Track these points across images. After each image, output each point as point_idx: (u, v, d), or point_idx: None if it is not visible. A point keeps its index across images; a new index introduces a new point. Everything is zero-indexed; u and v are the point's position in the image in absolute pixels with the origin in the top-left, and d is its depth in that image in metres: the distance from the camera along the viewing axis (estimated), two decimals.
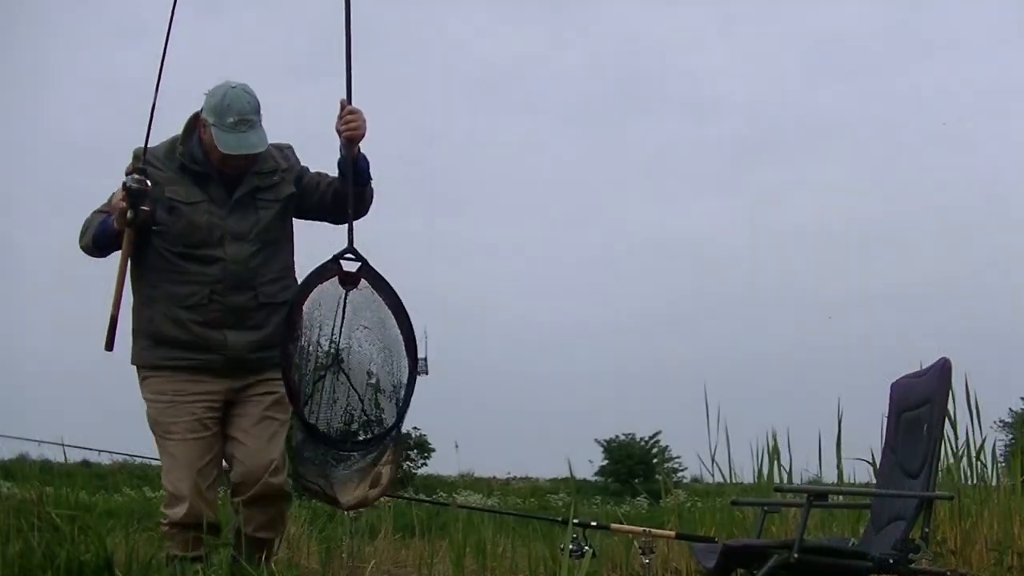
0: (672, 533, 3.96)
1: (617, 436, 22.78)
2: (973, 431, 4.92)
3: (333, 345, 3.28)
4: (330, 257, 3.27)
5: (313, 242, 3.63)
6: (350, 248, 3.28)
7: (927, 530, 3.07)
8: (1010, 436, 13.36)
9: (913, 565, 2.97)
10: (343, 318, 3.27)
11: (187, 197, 3.38)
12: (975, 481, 4.93)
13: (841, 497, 4.36)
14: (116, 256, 3.34)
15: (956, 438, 4.84)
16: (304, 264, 3.50)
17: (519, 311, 36.76)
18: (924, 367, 3.38)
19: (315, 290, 3.24)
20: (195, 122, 3.42)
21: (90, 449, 7.16)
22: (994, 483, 4.95)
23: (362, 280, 3.27)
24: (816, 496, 3.29)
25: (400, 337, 3.27)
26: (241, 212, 3.41)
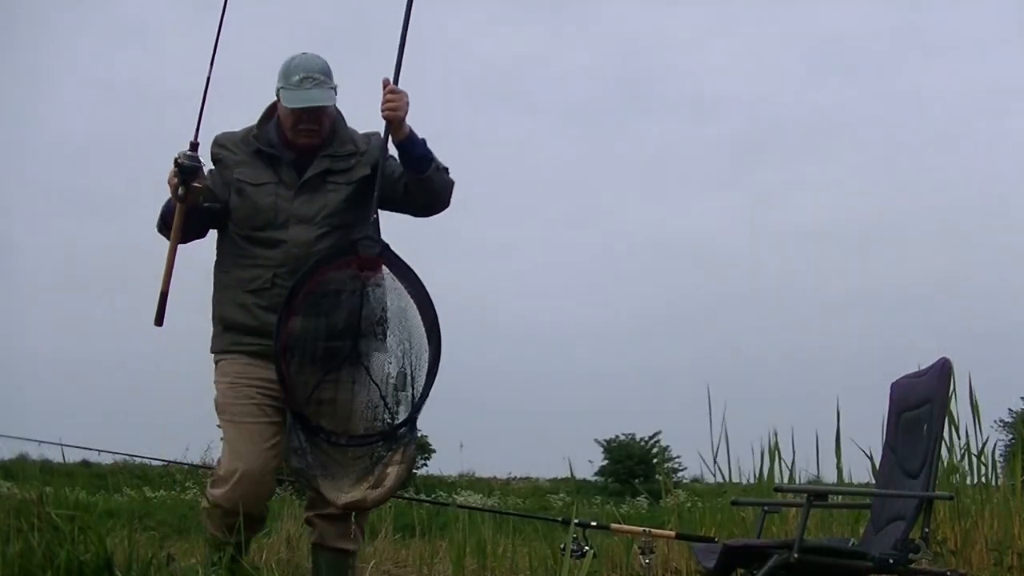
0: (672, 533, 3.96)
1: (617, 436, 22.78)
2: (973, 431, 4.92)
3: (349, 335, 3.14)
4: (347, 242, 3.19)
5: None
6: (371, 233, 3.17)
7: (927, 530, 3.07)
8: (1010, 436, 13.36)
9: (913, 565, 2.97)
10: (361, 306, 3.13)
11: (254, 179, 3.33)
12: (975, 481, 4.93)
13: (841, 497, 4.36)
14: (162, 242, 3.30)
15: (956, 438, 4.85)
16: None
17: (519, 311, 36.76)
18: (924, 367, 3.38)
19: (330, 276, 3.12)
20: (272, 109, 3.38)
21: (90, 449, 7.17)
22: (994, 483, 4.95)
23: (383, 267, 3.13)
24: (816, 496, 3.28)
25: (422, 328, 3.13)
26: (309, 195, 3.31)
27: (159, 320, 3.25)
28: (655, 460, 22.07)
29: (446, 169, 3.36)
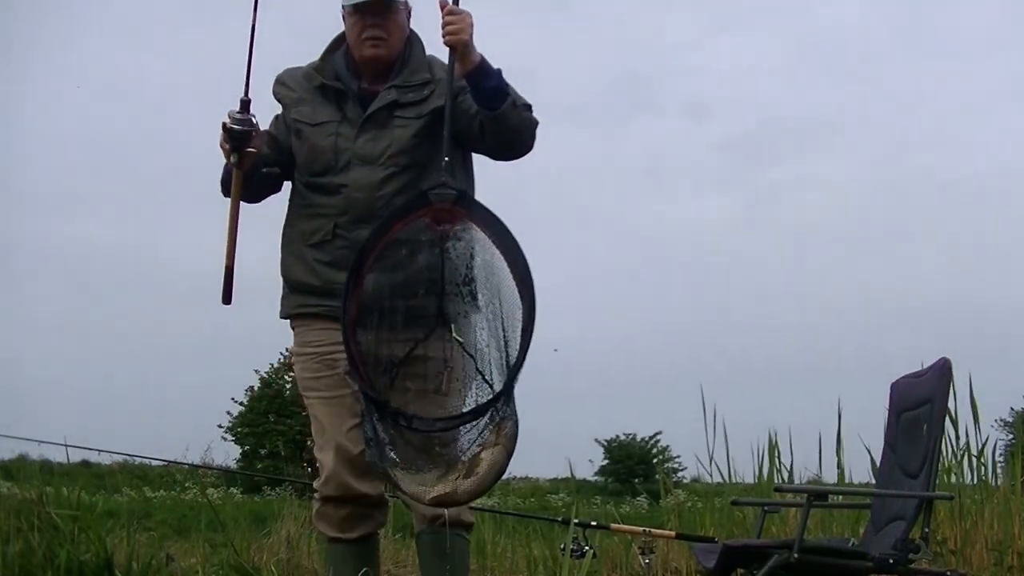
0: (672, 533, 3.95)
1: (617, 436, 22.81)
2: (973, 431, 4.92)
3: (432, 300, 2.65)
4: (415, 192, 2.70)
5: None
6: (445, 178, 2.62)
7: (927, 530, 3.07)
8: (1010, 436, 13.37)
9: (913, 565, 2.97)
10: (443, 265, 2.61)
11: (312, 118, 2.94)
12: (975, 481, 4.93)
13: (841, 497, 4.36)
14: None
15: (956, 438, 4.85)
16: None
17: None
18: (924, 367, 3.38)
19: (402, 233, 2.62)
20: (338, 41, 3.02)
21: (90, 449, 7.16)
22: (994, 483, 4.95)
23: (462, 216, 2.60)
24: (816, 496, 3.28)
25: (512, 282, 2.56)
26: (374, 131, 2.89)
27: (227, 298, 2.82)
28: (655, 460, 22.10)
29: (527, 106, 2.85)
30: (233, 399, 22.83)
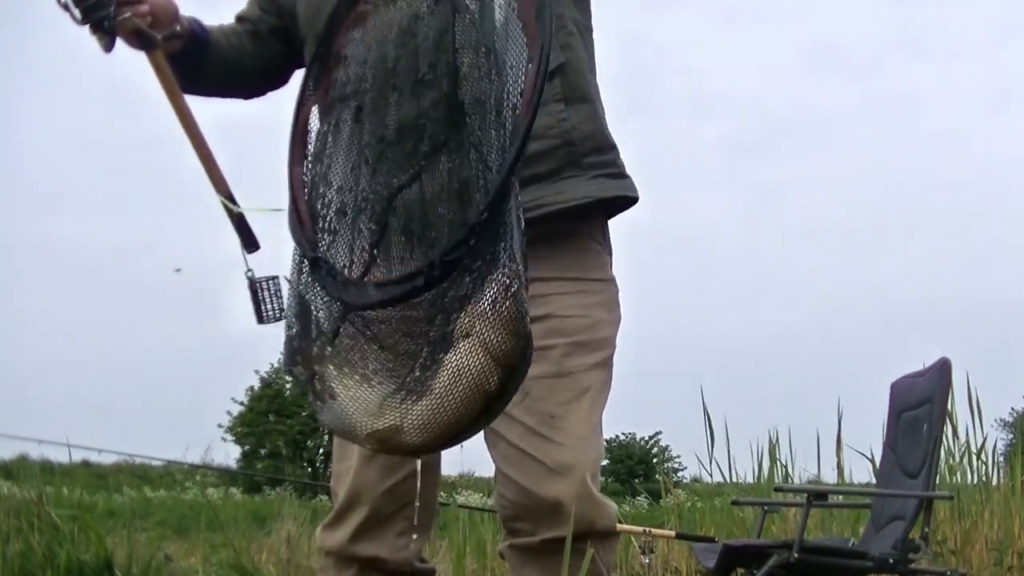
0: (672, 533, 3.95)
1: (617, 436, 22.84)
2: (973, 431, 4.93)
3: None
4: None
5: None
6: None
7: (927, 530, 3.07)
8: (1010, 435, 13.37)
9: (913, 565, 2.97)
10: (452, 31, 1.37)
11: None
12: (975, 481, 4.93)
13: (841, 497, 4.36)
14: None
15: (956, 438, 4.85)
16: None
17: None
18: (924, 367, 3.39)
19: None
20: None
21: (91, 449, 7.17)
22: (994, 483, 4.95)
23: None
24: (816, 496, 3.28)
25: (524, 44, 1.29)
26: None
27: (249, 242, 1.84)
28: (655, 460, 22.13)
29: None
30: (233, 399, 22.86)
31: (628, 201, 1.94)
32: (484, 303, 1.16)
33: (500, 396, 1.18)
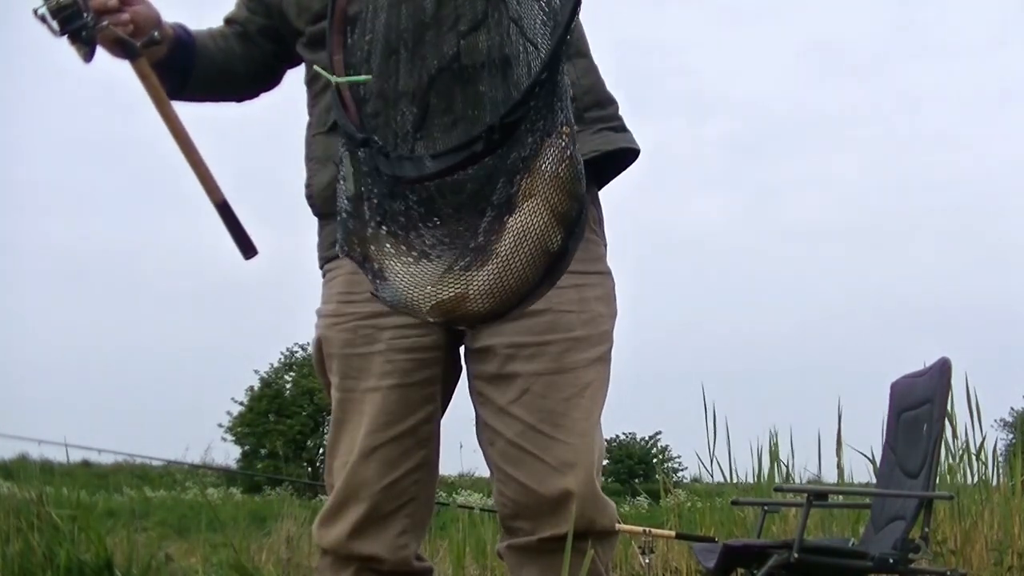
0: (672, 533, 3.95)
1: (617, 436, 22.87)
2: (973, 431, 4.93)
3: None
4: None
5: None
6: None
7: (927, 530, 3.07)
8: (1010, 435, 13.37)
9: (913, 565, 2.97)
10: None
11: None
12: (975, 481, 4.93)
13: (841, 497, 4.36)
14: None
15: (956, 438, 4.85)
16: None
17: None
18: (924, 367, 3.39)
19: None
20: None
21: (90, 449, 7.17)
22: (994, 483, 4.95)
23: None
24: (816, 496, 3.28)
25: None
26: None
27: (247, 248, 1.73)
28: (655, 460, 22.14)
29: None
30: (233, 399, 22.88)
31: (623, 162, 1.88)
32: (546, 164, 1.19)
33: (562, 256, 1.21)
